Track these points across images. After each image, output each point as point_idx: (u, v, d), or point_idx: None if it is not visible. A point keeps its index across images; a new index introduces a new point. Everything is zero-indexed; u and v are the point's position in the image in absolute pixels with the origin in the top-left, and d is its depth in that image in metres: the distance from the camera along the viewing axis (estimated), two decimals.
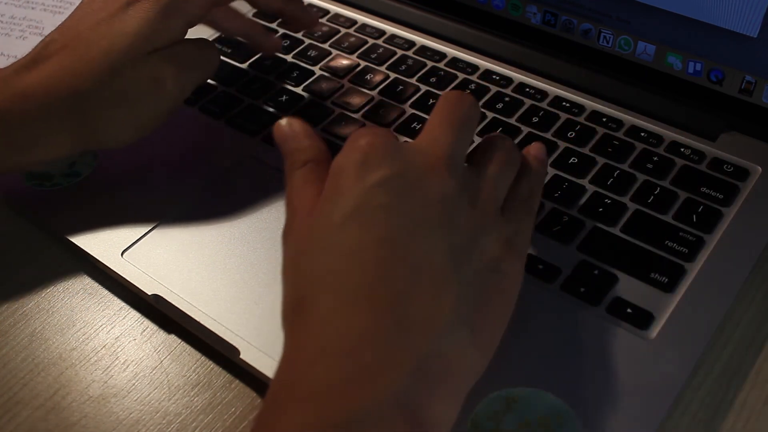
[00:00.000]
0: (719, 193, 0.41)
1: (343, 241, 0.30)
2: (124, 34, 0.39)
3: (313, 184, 0.33)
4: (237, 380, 0.37)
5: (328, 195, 0.32)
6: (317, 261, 0.30)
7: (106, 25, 0.40)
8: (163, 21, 0.40)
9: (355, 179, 0.31)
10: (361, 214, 0.30)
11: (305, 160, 0.35)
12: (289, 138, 0.36)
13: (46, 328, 0.39)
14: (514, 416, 0.32)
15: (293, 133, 0.36)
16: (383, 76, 0.50)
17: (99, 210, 0.43)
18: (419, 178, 0.31)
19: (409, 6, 0.55)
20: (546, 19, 0.50)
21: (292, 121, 0.37)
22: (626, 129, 0.46)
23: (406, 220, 0.30)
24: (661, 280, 0.37)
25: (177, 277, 0.39)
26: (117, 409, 0.36)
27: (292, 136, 0.36)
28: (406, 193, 0.31)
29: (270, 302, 0.37)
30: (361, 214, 0.30)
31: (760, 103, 0.44)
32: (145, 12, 0.40)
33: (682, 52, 0.46)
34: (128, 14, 0.40)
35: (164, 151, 0.45)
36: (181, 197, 0.43)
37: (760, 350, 0.36)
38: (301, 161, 0.35)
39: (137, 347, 0.38)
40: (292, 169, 0.35)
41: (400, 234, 0.30)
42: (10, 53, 0.56)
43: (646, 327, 0.35)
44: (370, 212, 0.30)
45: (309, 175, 0.34)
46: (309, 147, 0.35)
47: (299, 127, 0.36)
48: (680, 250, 0.38)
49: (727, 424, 0.34)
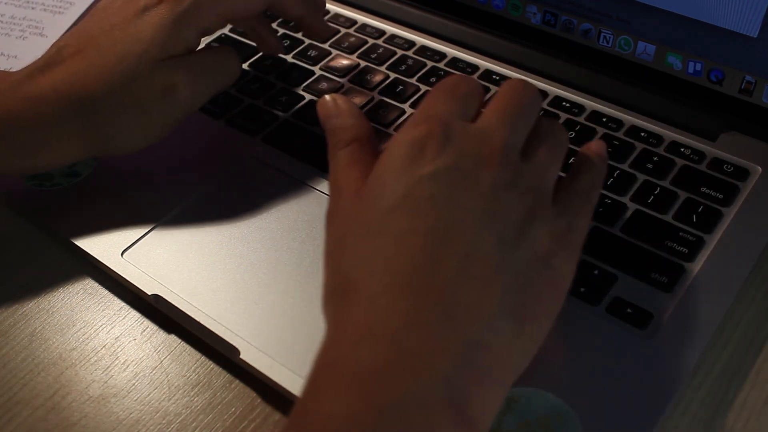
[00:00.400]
0: (719, 193, 0.41)
1: (393, 226, 0.30)
2: (138, 41, 0.39)
3: (357, 165, 0.33)
4: (237, 380, 0.37)
5: (380, 178, 0.31)
6: (365, 244, 0.30)
7: (121, 31, 0.40)
8: (178, 28, 0.40)
9: (408, 166, 0.31)
10: (412, 202, 0.30)
11: (350, 139, 0.34)
12: (333, 115, 0.36)
13: (46, 328, 0.39)
14: (514, 416, 0.32)
15: (338, 111, 0.36)
16: (383, 76, 0.50)
17: (99, 210, 0.43)
18: (472, 169, 0.31)
19: (409, 6, 0.55)
20: (546, 19, 0.50)
21: (337, 98, 0.36)
22: (626, 129, 0.46)
23: (457, 211, 0.30)
24: (661, 279, 0.37)
25: (177, 277, 0.39)
26: (117, 409, 0.36)
27: (336, 113, 0.36)
28: (458, 183, 0.30)
29: (270, 302, 0.37)
30: (411, 201, 0.30)
31: (760, 103, 0.44)
32: (160, 18, 0.40)
33: (682, 52, 0.46)
34: (143, 20, 0.40)
35: (164, 151, 0.45)
36: (181, 197, 0.43)
37: (760, 350, 0.36)
38: (345, 140, 0.34)
39: (137, 347, 0.38)
40: (337, 148, 0.34)
41: (449, 224, 0.29)
42: (10, 53, 0.56)
43: (646, 327, 0.35)
44: (422, 201, 0.30)
45: (354, 156, 0.34)
46: (354, 125, 0.35)
47: (344, 104, 0.36)
48: (680, 250, 0.38)
49: (727, 424, 0.34)
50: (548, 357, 0.35)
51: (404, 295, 0.28)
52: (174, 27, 0.40)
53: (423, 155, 0.31)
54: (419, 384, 0.26)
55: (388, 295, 0.28)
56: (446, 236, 0.29)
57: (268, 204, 0.42)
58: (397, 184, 0.30)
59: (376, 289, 0.28)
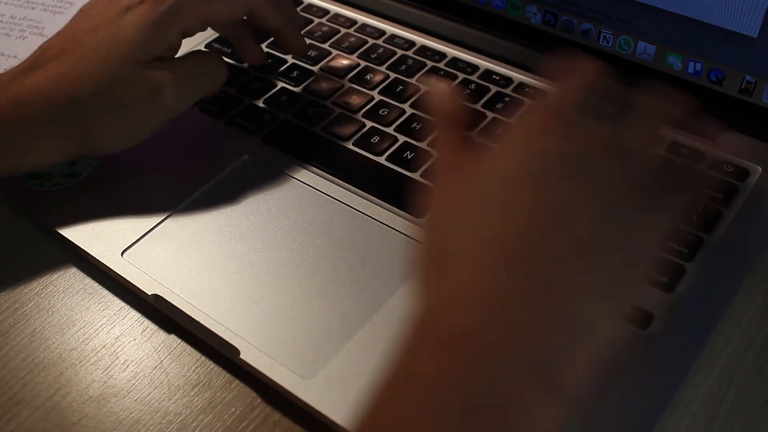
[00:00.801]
0: (719, 193, 0.41)
1: (501, 196, 0.30)
2: (121, 41, 0.39)
3: (465, 146, 0.34)
4: (237, 380, 0.37)
5: (494, 155, 0.32)
6: (471, 213, 0.31)
7: (103, 32, 0.40)
8: (159, 28, 0.40)
9: (522, 145, 0.31)
10: (523, 176, 0.30)
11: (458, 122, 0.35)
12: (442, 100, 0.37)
13: (46, 328, 0.39)
14: None
15: (446, 97, 0.37)
16: (383, 76, 0.50)
17: (99, 210, 0.43)
18: (590, 158, 0.31)
19: (409, 6, 0.55)
20: (546, 19, 0.50)
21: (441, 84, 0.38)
22: None
23: (566, 190, 0.30)
24: (661, 279, 0.37)
25: (177, 277, 0.39)
26: (117, 409, 0.36)
27: (445, 98, 0.37)
28: (569, 165, 0.31)
29: (270, 302, 0.37)
30: (522, 175, 0.30)
31: (760, 103, 0.44)
32: (141, 18, 0.40)
33: (682, 52, 0.46)
34: (125, 20, 0.40)
35: (164, 151, 0.45)
36: (181, 197, 0.43)
37: (760, 350, 0.36)
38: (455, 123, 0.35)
39: (137, 347, 0.38)
40: (446, 130, 0.35)
41: (559, 202, 0.30)
42: (10, 53, 0.56)
43: (646, 327, 0.35)
44: (533, 176, 0.30)
45: (462, 137, 0.35)
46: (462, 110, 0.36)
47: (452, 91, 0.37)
48: (680, 250, 0.38)
49: (727, 424, 0.34)
50: None
51: (504, 266, 0.28)
52: (155, 27, 0.40)
53: (538, 137, 0.32)
54: (514, 354, 0.26)
55: (491, 262, 0.28)
56: (554, 213, 0.30)
57: (268, 204, 0.42)
58: (509, 159, 0.31)
59: (478, 258, 0.29)
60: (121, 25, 0.40)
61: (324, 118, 0.48)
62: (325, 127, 0.47)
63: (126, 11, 0.40)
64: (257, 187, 0.43)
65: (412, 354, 0.28)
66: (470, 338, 0.27)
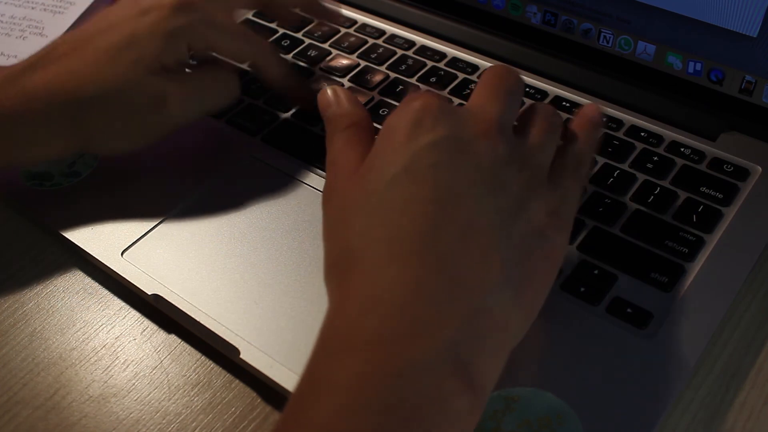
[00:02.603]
0: (719, 193, 0.41)
1: (395, 196, 0.30)
2: (133, 45, 0.39)
3: (356, 146, 0.34)
4: (237, 380, 0.37)
5: (380, 152, 0.32)
6: (368, 216, 0.31)
7: (117, 34, 0.40)
8: (173, 39, 0.40)
9: (408, 138, 0.31)
10: (413, 172, 0.30)
11: (348, 124, 0.35)
12: (332, 103, 0.37)
13: (46, 328, 0.39)
14: (514, 416, 0.32)
15: (337, 100, 0.37)
16: (383, 76, 0.50)
17: (99, 210, 0.43)
18: (471, 141, 0.31)
19: (409, 6, 0.55)
20: (546, 18, 0.50)
21: (336, 88, 0.38)
22: (626, 129, 0.46)
23: (457, 181, 0.30)
24: (661, 279, 0.37)
25: (177, 276, 0.39)
26: (117, 409, 0.36)
27: (336, 102, 0.37)
28: (458, 154, 0.31)
29: (270, 302, 0.37)
30: (412, 171, 0.30)
31: (760, 103, 0.44)
32: (156, 25, 0.40)
33: (682, 52, 0.46)
34: (141, 25, 0.40)
35: (164, 151, 0.45)
36: (181, 197, 0.43)
37: (760, 350, 0.36)
38: (343, 125, 0.35)
39: (137, 347, 0.38)
40: (335, 131, 0.35)
41: (450, 193, 0.30)
42: (10, 53, 0.56)
43: (646, 327, 0.35)
44: (422, 170, 0.30)
45: (352, 138, 0.35)
46: (352, 112, 0.36)
47: (342, 93, 0.37)
48: (680, 250, 0.38)
49: (727, 424, 0.34)
50: (548, 356, 0.35)
51: (408, 265, 0.28)
52: (168, 37, 0.40)
53: (421, 127, 0.31)
54: (426, 350, 0.27)
55: (394, 264, 0.29)
56: (448, 205, 0.30)
57: (268, 204, 0.42)
58: (397, 156, 0.31)
59: (381, 259, 0.29)
60: (136, 29, 0.40)
61: None
62: None
63: (142, 16, 0.40)
64: (257, 187, 0.43)
65: (325, 359, 0.28)
66: (383, 342, 0.27)
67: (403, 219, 0.30)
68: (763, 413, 0.34)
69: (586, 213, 0.41)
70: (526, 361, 0.34)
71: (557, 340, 0.35)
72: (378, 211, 0.30)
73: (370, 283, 0.29)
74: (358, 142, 0.34)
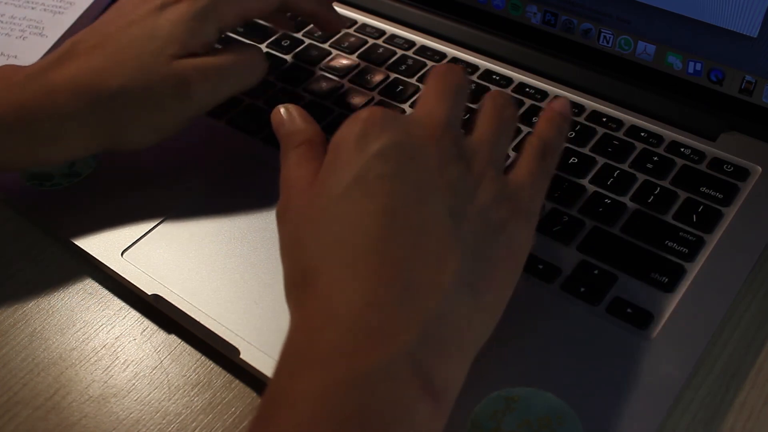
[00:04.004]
0: (719, 193, 0.41)
1: (346, 210, 0.30)
2: (155, 37, 0.40)
3: (308, 163, 0.34)
4: (237, 380, 0.37)
5: (329, 167, 0.32)
6: (321, 232, 0.31)
7: (138, 28, 0.40)
8: (196, 25, 0.40)
9: (355, 150, 0.31)
10: (363, 184, 0.30)
11: (300, 141, 0.36)
12: (285, 122, 0.37)
13: (46, 328, 0.39)
14: (514, 416, 0.32)
15: (290, 118, 0.37)
16: (383, 76, 0.50)
17: (99, 210, 0.43)
18: (418, 146, 0.32)
19: (409, 6, 0.55)
20: (546, 18, 0.50)
21: (289, 107, 0.38)
22: (626, 129, 0.46)
23: (407, 187, 0.30)
24: (661, 280, 0.37)
25: (177, 277, 0.39)
26: (117, 409, 0.36)
27: (288, 120, 0.37)
28: (405, 161, 0.31)
29: (270, 302, 0.37)
30: (362, 183, 0.31)
31: (760, 103, 0.44)
32: (178, 16, 0.40)
33: (682, 52, 0.46)
34: (162, 17, 0.40)
35: (164, 151, 0.45)
36: (181, 197, 0.43)
37: (760, 350, 0.36)
38: (296, 142, 0.36)
39: (137, 347, 0.38)
40: (288, 149, 0.36)
41: (401, 201, 0.30)
42: (10, 53, 0.56)
43: (646, 327, 0.35)
44: (371, 181, 0.30)
45: (305, 154, 0.35)
46: (305, 129, 0.36)
47: (295, 111, 0.37)
48: (680, 250, 0.38)
49: (727, 424, 0.34)
50: (548, 356, 0.35)
51: (363, 277, 0.29)
52: (192, 23, 0.40)
53: (367, 138, 0.31)
54: (384, 359, 0.27)
55: (348, 279, 0.29)
56: (398, 213, 0.30)
57: (268, 204, 0.42)
58: (345, 169, 0.31)
59: (336, 274, 0.29)
60: (157, 21, 0.40)
61: (324, 118, 0.48)
62: (326, 128, 0.47)
63: (162, 8, 0.40)
64: (257, 187, 0.43)
65: (288, 375, 0.28)
66: (341, 355, 0.27)
67: (356, 232, 0.30)
68: (763, 413, 0.34)
69: (587, 213, 0.41)
70: (526, 361, 0.34)
71: (557, 340, 0.35)
72: (331, 227, 0.30)
73: (327, 298, 0.29)
74: (311, 158, 0.34)
